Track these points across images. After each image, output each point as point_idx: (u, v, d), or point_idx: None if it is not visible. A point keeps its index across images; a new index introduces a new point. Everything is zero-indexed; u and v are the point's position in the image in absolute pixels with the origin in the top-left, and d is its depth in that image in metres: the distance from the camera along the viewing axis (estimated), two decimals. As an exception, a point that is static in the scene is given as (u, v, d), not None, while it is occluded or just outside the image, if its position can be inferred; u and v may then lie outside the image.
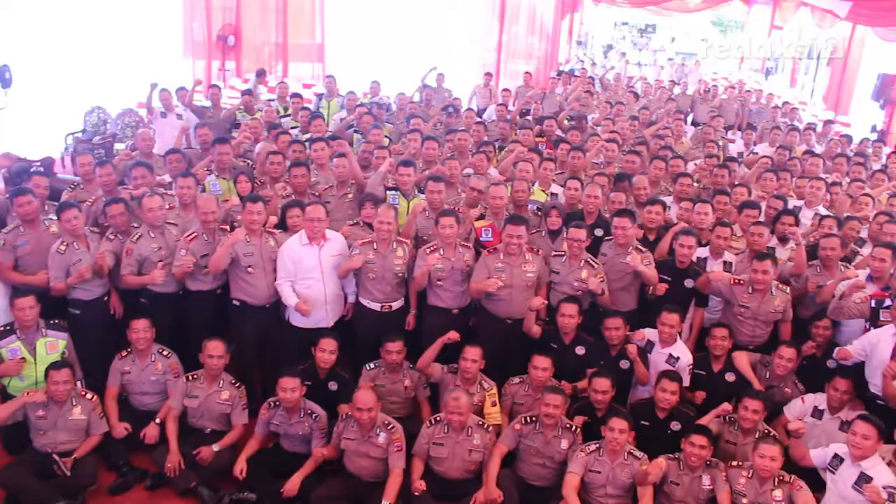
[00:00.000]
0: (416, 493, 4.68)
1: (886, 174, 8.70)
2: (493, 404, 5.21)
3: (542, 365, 5.16)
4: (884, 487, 4.25)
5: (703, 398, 5.34)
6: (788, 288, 5.75)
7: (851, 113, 16.90)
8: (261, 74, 12.70)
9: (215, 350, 5.15)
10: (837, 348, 5.26)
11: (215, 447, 5.04)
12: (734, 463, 4.63)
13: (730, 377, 5.41)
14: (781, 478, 4.48)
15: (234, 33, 14.70)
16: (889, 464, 4.52)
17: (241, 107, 9.98)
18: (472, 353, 5.19)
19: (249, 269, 5.46)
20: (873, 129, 14.49)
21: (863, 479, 4.31)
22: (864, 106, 15.98)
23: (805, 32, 21.25)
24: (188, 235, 5.56)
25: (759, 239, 5.99)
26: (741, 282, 5.65)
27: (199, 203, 5.66)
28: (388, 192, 6.55)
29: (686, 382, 5.37)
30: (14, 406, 4.81)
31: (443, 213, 5.61)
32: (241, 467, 4.90)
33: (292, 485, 4.77)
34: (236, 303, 5.57)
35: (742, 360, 5.45)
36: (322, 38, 16.72)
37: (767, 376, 5.42)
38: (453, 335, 5.27)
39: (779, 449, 4.42)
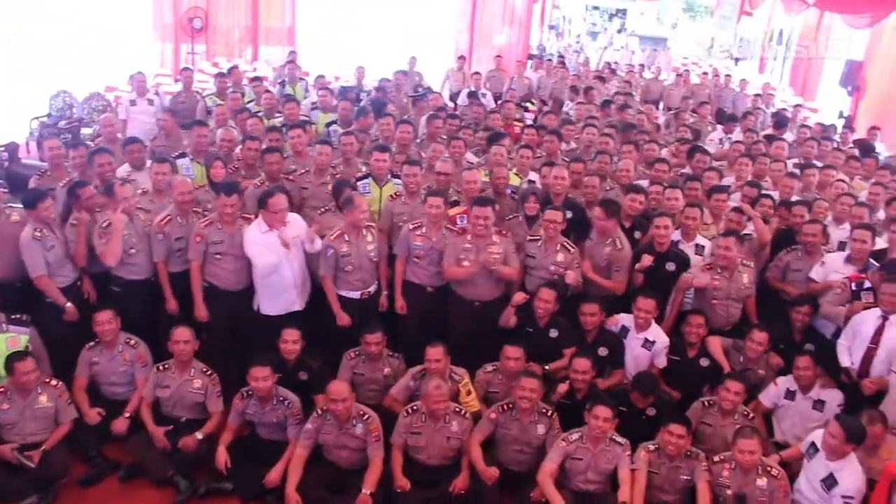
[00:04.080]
0: (399, 491, 4.67)
1: (858, 160, 8.80)
2: (469, 392, 5.18)
3: (513, 355, 5.15)
4: (841, 497, 4.29)
5: (678, 398, 5.41)
6: (752, 262, 5.88)
7: (819, 99, 17.08)
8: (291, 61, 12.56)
9: (181, 336, 5.09)
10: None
11: (199, 435, 4.99)
12: (716, 458, 4.62)
13: (703, 362, 5.48)
14: (767, 469, 4.50)
15: (203, 16, 14.44)
16: None
17: (214, 94, 9.80)
18: (435, 353, 5.10)
19: (217, 257, 5.44)
20: (840, 114, 14.67)
21: (829, 481, 4.35)
22: (832, 92, 16.15)
23: (774, 18, 21.43)
24: (162, 220, 5.52)
25: (736, 226, 6.07)
26: (710, 266, 5.72)
27: (175, 184, 5.67)
28: (358, 182, 6.45)
29: (663, 364, 5.46)
30: None
31: (431, 193, 5.64)
32: (223, 459, 4.85)
33: (275, 476, 4.74)
34: (205, 284, 5.54)
35: (715, 345, 5.51)
36: (293, 20, 16.52)
37: (742, 360, 5.49)
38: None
39: (756, 441, 4.44)
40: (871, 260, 5.76)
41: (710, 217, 6.44)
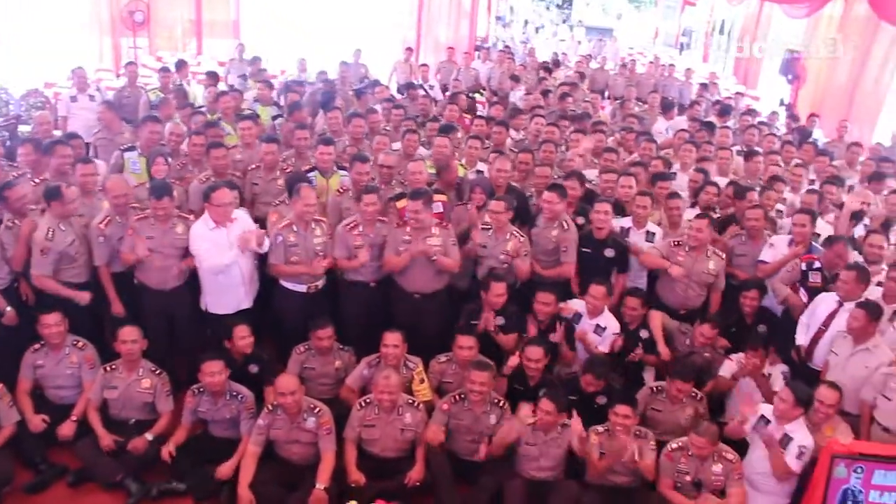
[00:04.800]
0: (354, 486, 4.67)
1: (794, 145, 9.06)
2: (422, 381, 5.21)
3: (466, 344, 5.18)
4: (798, 446, 4.47)
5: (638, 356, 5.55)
6: (725, 254, 5.99)
7: (760, 87, 17.44)
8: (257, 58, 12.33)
9: (129, 335, 4.99)
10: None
11: (148, 436, 4.90)
12: (674, 446, 4.72)
13: (644, 334, 5.62)
14: (722, 454, 4.62)
15: (144, 9, 14.12)
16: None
17: (158, 89, 9.64)
18: (392, 339, 5.14)
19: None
20: (781, 102, 15.02)
21: (785, 440, 4.51)
22: (773, 80, 16.49)
23: (716, 9, 21.84)
24: (101, 221, 5.41)
25: (675, 212, 6.23)
26: (679, 243, 5.87)
27: (108, 186, 5.57)
28: (307, 174, 6.44)
29: (606, 350, 5.51)
30: None
31: (367, 191, 5.63)
32: (168, 450, 4.80)
33: (227, 469, 4.72)
34: (136, 282, 5.49)
35: (656, 321, 5.65)
36: (237, 13, 16.27)
37: (688, 343, 5.63)
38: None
39: (706, 440, 4.54)
40: (814, 244, 5.97)
41: (654, 203, 6.55)
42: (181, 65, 10.75)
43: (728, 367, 5.40)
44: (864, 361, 4.90)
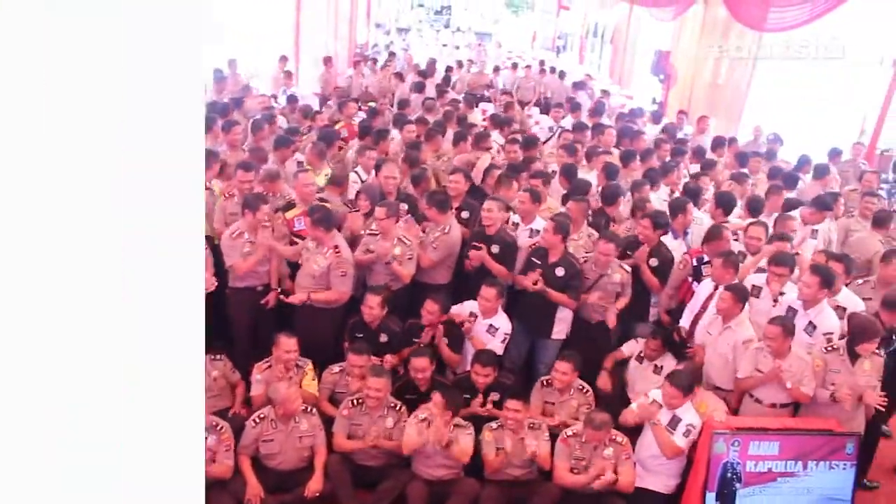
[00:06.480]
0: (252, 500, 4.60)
1: (668, 143, 9.48)
2: (313, 379, 5.23)
3: (357, 364, 5.17)
4: (685, 425, 4.71)
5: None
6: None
7: (633, 86, 18.16)
8: None
9: None
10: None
11: None
12: (569, 433, 4.85)
13: (559, 272, 5.62)
14: (613, 438, 4.78)
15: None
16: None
17: None
18: (288, 345, 5.10)
19: None
20: (653, 101, 15.67)
21: (674, 422, 4.75)
22: (644, 80, 17.20)
23: (590, 13, 22.66)
24: None
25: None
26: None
27: None
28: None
29: (500, 351, 5.55)
30: None
31: (263, 201, 5.61)
32: None
33: None
34: None
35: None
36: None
37: (594, 267, 5.72)
38: None
39: (601, 433, 4.69)
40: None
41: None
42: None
43: (628, 348, 5.72)
44: (728, 339, 5.22)
